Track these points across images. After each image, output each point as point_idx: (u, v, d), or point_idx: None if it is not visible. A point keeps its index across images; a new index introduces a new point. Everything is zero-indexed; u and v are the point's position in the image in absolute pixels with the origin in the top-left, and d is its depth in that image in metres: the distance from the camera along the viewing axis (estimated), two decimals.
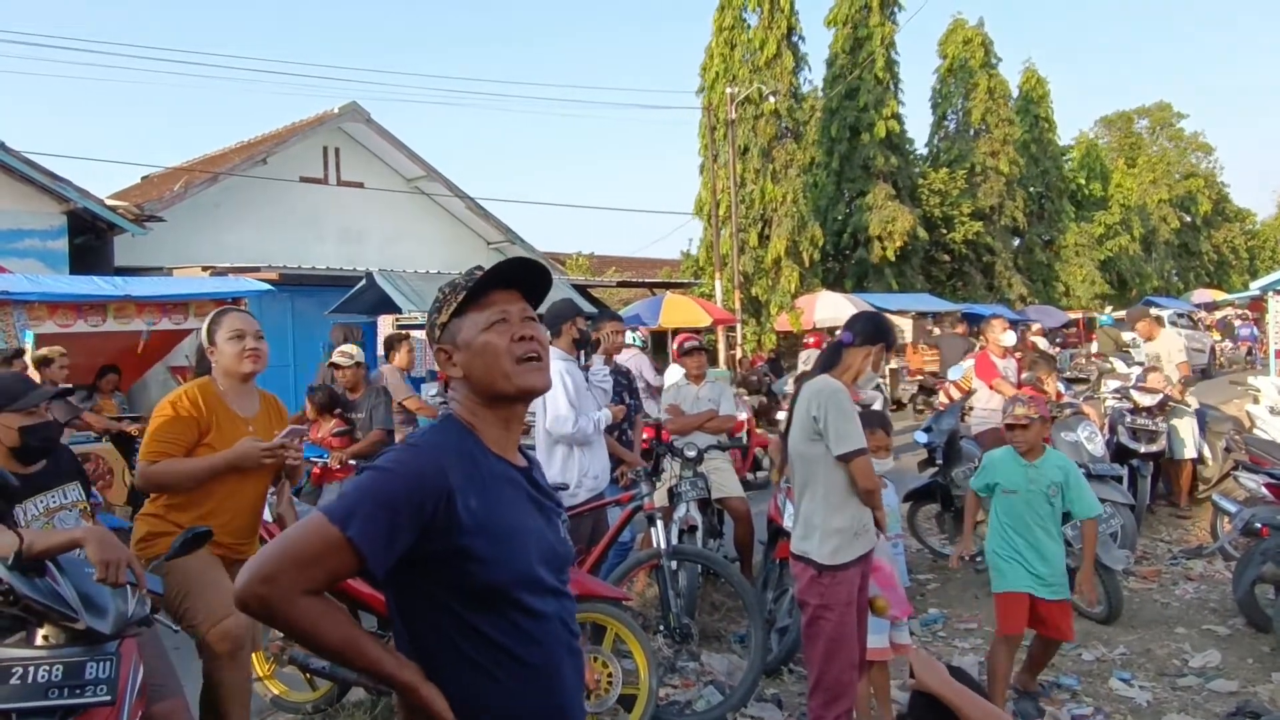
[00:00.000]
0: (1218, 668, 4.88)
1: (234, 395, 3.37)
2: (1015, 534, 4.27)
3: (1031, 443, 4.33)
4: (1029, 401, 4.41)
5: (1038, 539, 4.24)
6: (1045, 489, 4.25)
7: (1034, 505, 4.26)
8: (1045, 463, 4.33)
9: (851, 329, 3.66)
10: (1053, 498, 4.25)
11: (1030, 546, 4.24)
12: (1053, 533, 4.26)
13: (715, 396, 6.45)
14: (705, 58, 22.78)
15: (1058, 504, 4.27)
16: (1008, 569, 4.27)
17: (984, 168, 28.09)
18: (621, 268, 25.49)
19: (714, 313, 18.11)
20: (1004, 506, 4.35)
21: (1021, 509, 4.27)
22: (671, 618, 4.57)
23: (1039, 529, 4.24)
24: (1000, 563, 4.31)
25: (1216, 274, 43.05)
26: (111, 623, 2.57)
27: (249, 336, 3.35)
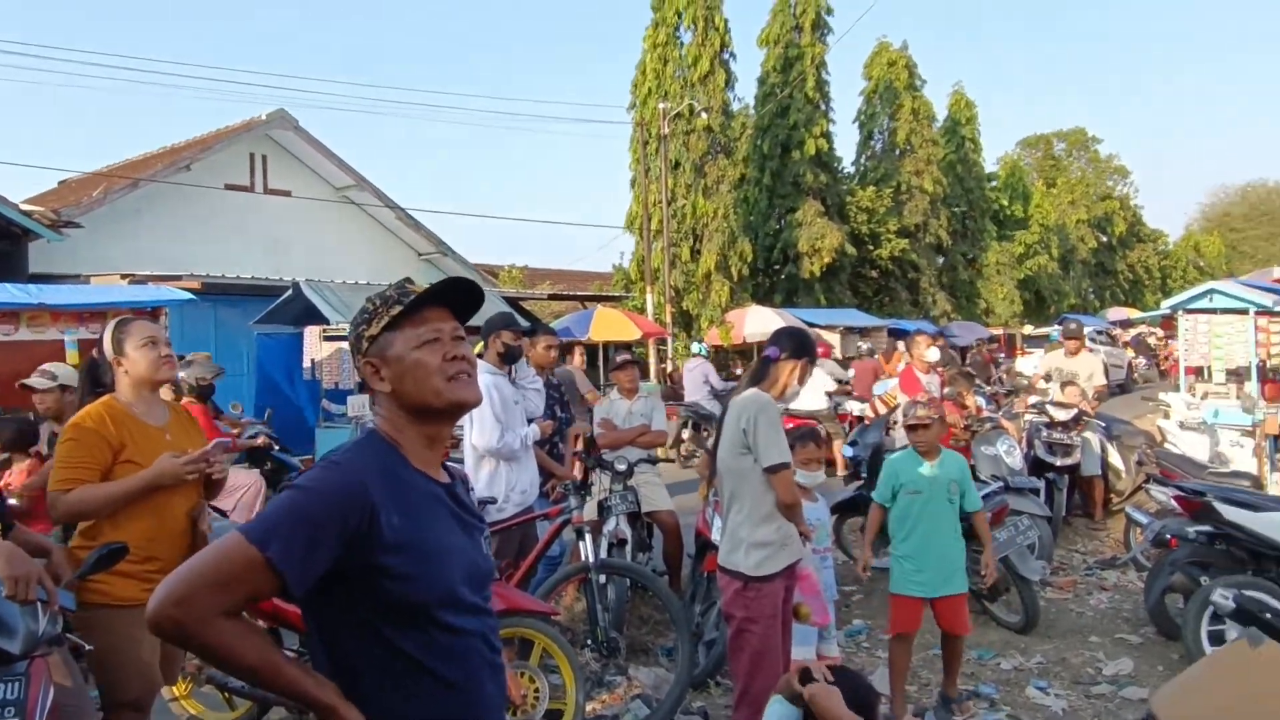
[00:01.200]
0: (1130, 675, 5.06)
1: (143, 407, 3.24)
2: (917, 534, 4.47)
3: (931, 442, 4.56)
4: (929, 403, 4.63)
5: (938, 537, 4.45)
6: (946, 487, 4.48)
7: (935, 504, 4.47)
8: (944, 462, 4.56)
9: (778, 344, 3.72)
10: (952, 495, 4.48)
11: (930, 545, 4.44)
12: (952, 530, 4.48)
13: (647, 411, 6.47)
14: (638, 73, 22.96)
15: (956, 502, 4.50)
16: (904, 572, 4.48)
17: (909, 187, 28.78)
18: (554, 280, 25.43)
19: (644, 326, 18.19)
20: (908, 507, 4.52)
21: (924, 508, 4.47)
22: (599, 632, 4.56)
23: (939, 527, 4.45)
24: (897, 565, 4.52)
25: (1131, 292, 44.78)
26: (20, 642, 2.46)
27: (161, 343, 3.24)
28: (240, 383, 13.31)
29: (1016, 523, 5.70)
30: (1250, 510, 5.01)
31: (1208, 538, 5.24)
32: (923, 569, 4.44)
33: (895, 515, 4.60)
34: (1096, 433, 8.36)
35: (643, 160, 21.50)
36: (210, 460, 3.15)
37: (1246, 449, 8.44)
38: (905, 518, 4.54)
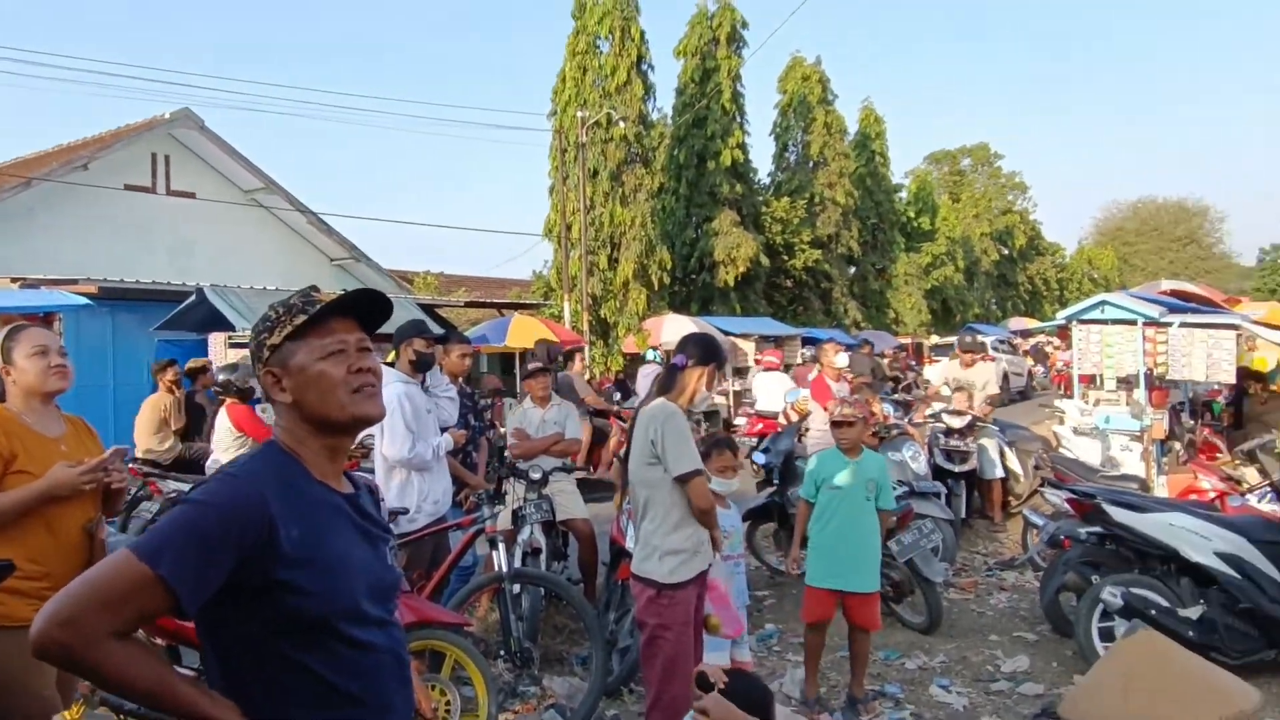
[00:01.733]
0: (1026, 672, 5.26)
1: (36, 417, 3.10)
2: (833, 528, 4.65)
3: (854, 440, 4.78)
4: (853, 402, 4.79)
5: (854, 532, 4.63)
6: (864, 484, 4.67)
7: (855, 500, 4.66)
8: (865, 461, 4.78)
9: (685, 352, 3.76)
10: (870, 493, 4.67)
11: (847, 541, 4.62)
12: (869, 527, 4.67)
13: (561, 419, 6.45)
14: (557, 81, 22.95)
15: (873, 500, 4.69)
16: (820, 565, 4.67)
17: (822, 198, 29.43)
18: (471, 288, 25.20)
19: (562, 334, 18.14)
20: (831, 501, 4.68)
21: (843, 504, 4.65)
22: (513, 642, 4.55)
23: (856, 523, 4.64)
24: (814, 558, 4.70)
25: (1031, 303, 46.60)
26: None
27: (53, 353, 3.11)
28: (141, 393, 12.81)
29: (921, 526, 5.87)
30: (1136, 512, 5.26)
31: (1098, 538, 5.49)
32: (837, 562, 4.63)
33: (815, 510, 4.79)
34: (994, 438, 8.69)
35: (561, 168, 21.50)
36: (108, 469, 3.02)
37: (1135, 453, 8.87)
38: (824, 512, 4.74)
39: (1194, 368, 9.07)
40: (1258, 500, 6.31)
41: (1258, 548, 4.96)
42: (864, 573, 4.63)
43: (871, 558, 4.67)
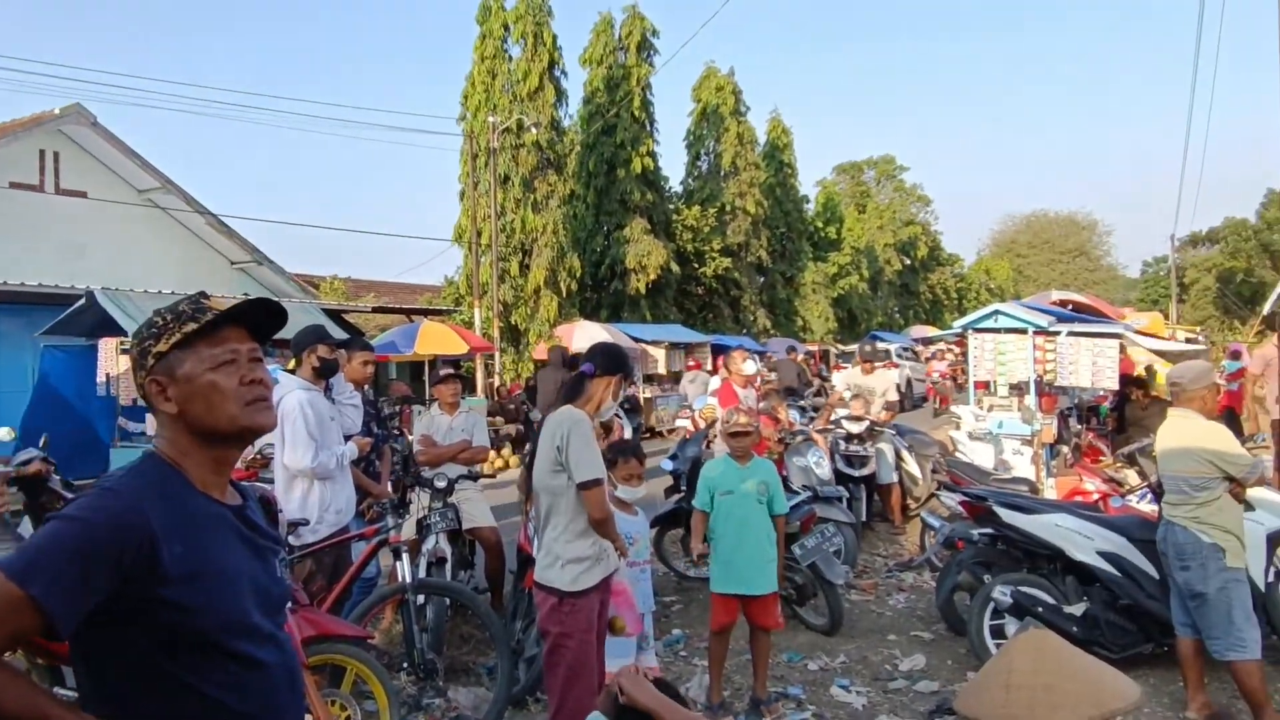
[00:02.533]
0: (923, 670, 5.43)
1: None
2: (730, 534, 4.74)
3: (747, 448, 4.90)
4: (749, 411, 4.90)
5: (750, 536, 4.73)
6: (757, 489, 4.77)
7: (747, 505, 4.76)
8: (755, 467, 4.89)
9: (592, 361, 3.78)
10: (762, 496, 4.78)
11: (743, 544, 4.71)
12: (764, 530, 4.77)
13: (469, 426, 6.41)
14: (467, 85, 22.76)
15: (765, 504, 4.80)
16: (721, 571, 4.76)
17: (733, 207, 29.85)
18: (380, 293, 24.73)
19: (472, 341, 17.97)
20: (722, 509, 4.79)
21: (737, 509, 4.75)
22: (416, 654, 4.48)
23: (753, 528, 4.74)
24: (716, 565, 4.79)
25: (932, 312, 48.12)
26: None
27: None
28: (24, 399, 12.17)
29: (823, 530, 6.00)
30: (1024, 513, 5.48)
31: (990, 539, 5.71)
32: (737, 567, 4.72)
33: (713, 518, 4.86)
34: (894, 443, 8.95)
35: (472, 173, 21.31)
36: None
37: (1026, 457, 9.24)
38: (721, 519, 4.81)
39: (1080, 375, 9.50)
40: (1137, 501, 6.64)
41: (1137, 546, 5.21)
42: (763, 575, 4.73)
43: (768, 560, 4.77)
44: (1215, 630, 4.39)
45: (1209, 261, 53.47)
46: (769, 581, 4.77)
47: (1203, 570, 4.41)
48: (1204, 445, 4.48)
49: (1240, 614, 4.37)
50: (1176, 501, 4.56)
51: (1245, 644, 4.33)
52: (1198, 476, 4.46)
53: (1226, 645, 4.35)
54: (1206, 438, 4.51)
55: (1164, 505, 4.70)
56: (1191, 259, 53.86)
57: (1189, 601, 4.52)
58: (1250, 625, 4.39)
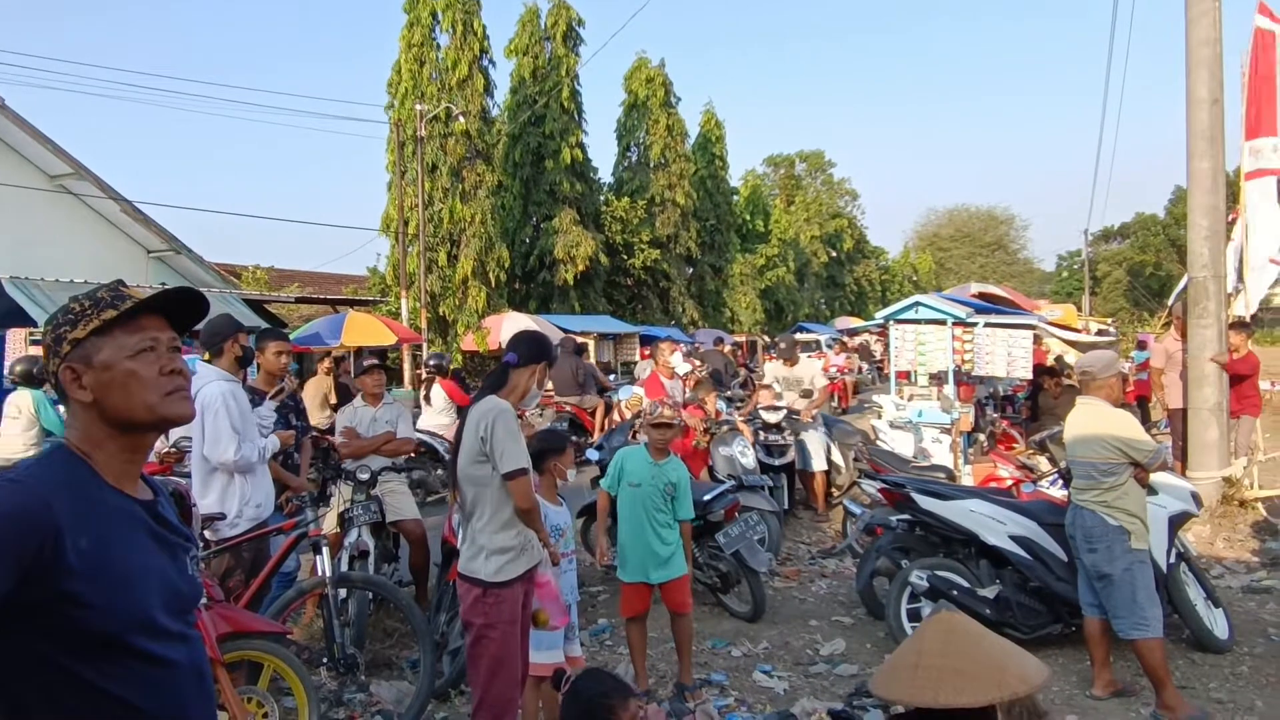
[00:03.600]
0: (843, 654, 5.54)
1: None
2: (633, 524, 4.80)
3: (667, 441, 4.94)
4: (674, 405, 4.92)
5: (656, 527, 4.79)
6: (663, 486, 4.83)
7: (653, 499, 4.81)
8: (668, 465, 4.92)
9: (515, 350, 3.76)
10: (668, 494, 4.84)
11: (647, 537, 4.78)
12: (668, 522, 4.83)
13: (393, 418, 6.31)
14: (393, 73, 22.35)
15: (670, 503, 4.86)
16: (630, 560, 4.81)
17: (663, 199, 29.93)
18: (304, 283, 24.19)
19: (399, 331, 17.70)
20: (628, 498, 4.84)
21: (643, 500, 4.80)
22: (336, 648, 4.41)
23: (656, 519, 4.80)
24: (624, 554, 4.84)
25: (857, 303, 49.05)
26: None
27: None
28: None
29: (747, 519, 6.07)
30: (941, 499, 5.63)
31: (908, 525, 5.85)
32: (642, 556, 4.76)
33: (619, 506, 4.91)
34: (819, 432, 9.10)
35: (399, 162, 20.94)
36: None
37: (945, 444, 9.50)
38: (625, 509, 4.87)
39: (996, 364, 9.80)
40: (1049, 486, 6.87)
41: (1046, 530, 5.40)
42: (668, 563, 4.78)
43: (670, 549, 4.82)
44: (1120, 610, 4.57)
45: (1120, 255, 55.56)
46: (677, 566, 4.82)
47: (1109, 552, 4.59)
48: (1111, 432, 4.65)
49: (1143, 594, 4.56)
50: (1084, 487, 4.73)
51: (1148, 623, 4.52)
52: (1105, 462, 4.63)
53: (1131, 624, 4.53)
54: (1113, 425, 4.68)
55: (1072, 490, 4.87)
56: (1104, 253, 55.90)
57: (1096, 583, 4.70)
58: (1153, 605, 4.59)
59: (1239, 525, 7.86)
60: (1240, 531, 7.78)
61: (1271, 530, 7.63)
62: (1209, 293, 8.29)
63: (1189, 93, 8.52)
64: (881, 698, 2.34)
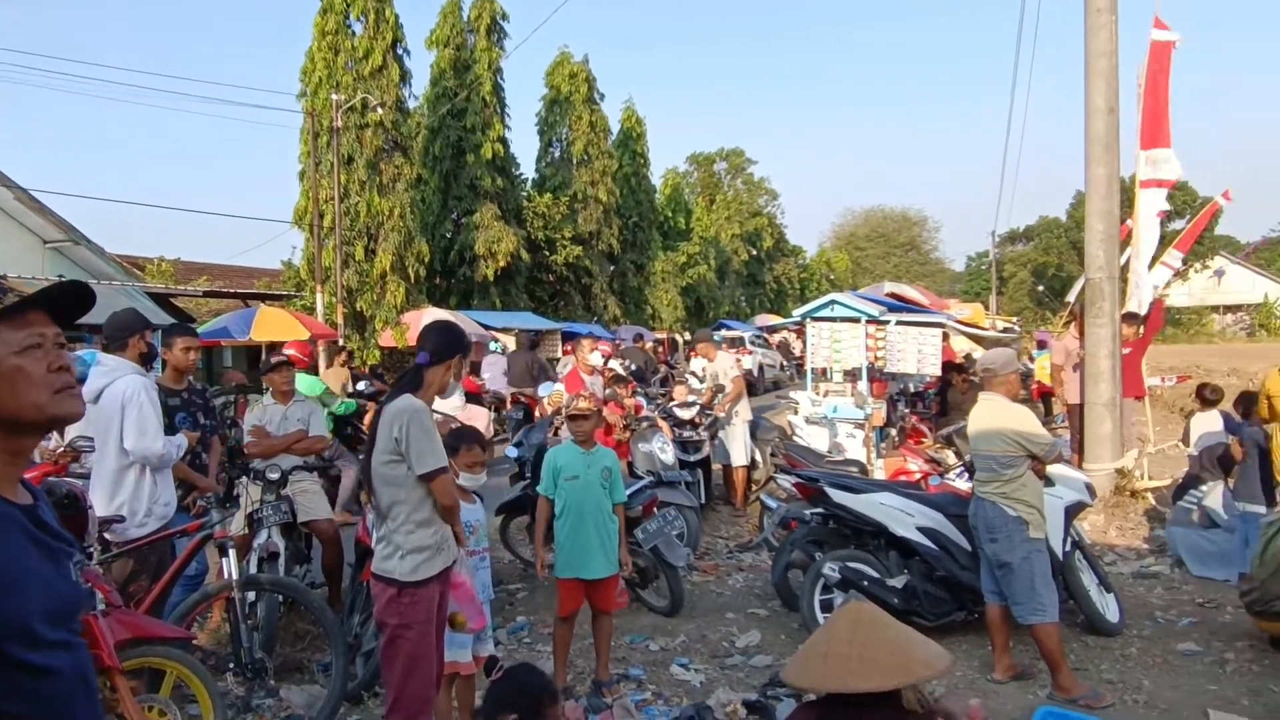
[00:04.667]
0: (758, 645, 5.64)
1: None
2: (572, 519, 4.79)
3: (589, 433, 4.96)
4: (589, 396, 4.95)
5: (594, 521, 4.79)
6: (600, 474, 4.85)
7: (591, 490, 4.83)
8: (598, 452, 4.96)
9: (426, 349, 3.69)
10: (605, 481, 4.86)
11: (588, 529, 4.77)
12: (605, 515, 4.85)
13: (305, 416, 6.17)
14: (306, 61, 21.80)
15: (608, 489, 4.88)
16: (570, 557, 4.80)
17: (585, 196, 29.89)
18: (214, 276, 23.47)
19: (313, 327, 17.28)
20: (569, 493, 4.83)
21: (581, 494, 4.81)
22: (244, 653, 4.31)
23: (595, 512, 4.81)
24: (560, 551, 4.83)
25: (776, 301, 49.77)
26: None
27: None
28: None
29: (666, 514, 6.12)
30: (852, 493, 5.78)
31: (822, 518, 5.99)
32: (581, 552, 4.76)
33: (557, 503, 4.89)
34: (740, 427, 9.22)
35: (314, 153, 20.44)
36: None
37: (858, 439, 9.73)
38: (565, 505, 4.84)
39: (907, 361, 10.08)
40: (955, 479, 7.11)
41: (952, 521, 5.59)
42: (605, 558, 4.80)
43: (611, 542, 4.85)
44: (1020, 596, 4.76)
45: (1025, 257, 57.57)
46: (611, 564, 4.85)
47: (1009, 541, 4.78)
48: (1010, 426, 4.84)
49: (1041, 581, 4.76)
50: (986, 479, 4.91)
51: (1045, 608, 4.72)
52: (1005, 455, 4.82)
53: (1029, 610, 4.73)
54: (1012, 419, 4.88)
55: (975, 483, 5.05)
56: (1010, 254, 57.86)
57: (997, 571, 4.89)
58: (1050, 591, 4.80)
59: (1130, 514, 8.26)
60: (1131, 520, 8.17)
61: (1160, 518, 8.03)
62: (1104, 293, 8.67)
63: (1087, 101, 8.89)
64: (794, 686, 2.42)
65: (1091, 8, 8.85)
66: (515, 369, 14.65)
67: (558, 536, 4.86)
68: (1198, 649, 5.35)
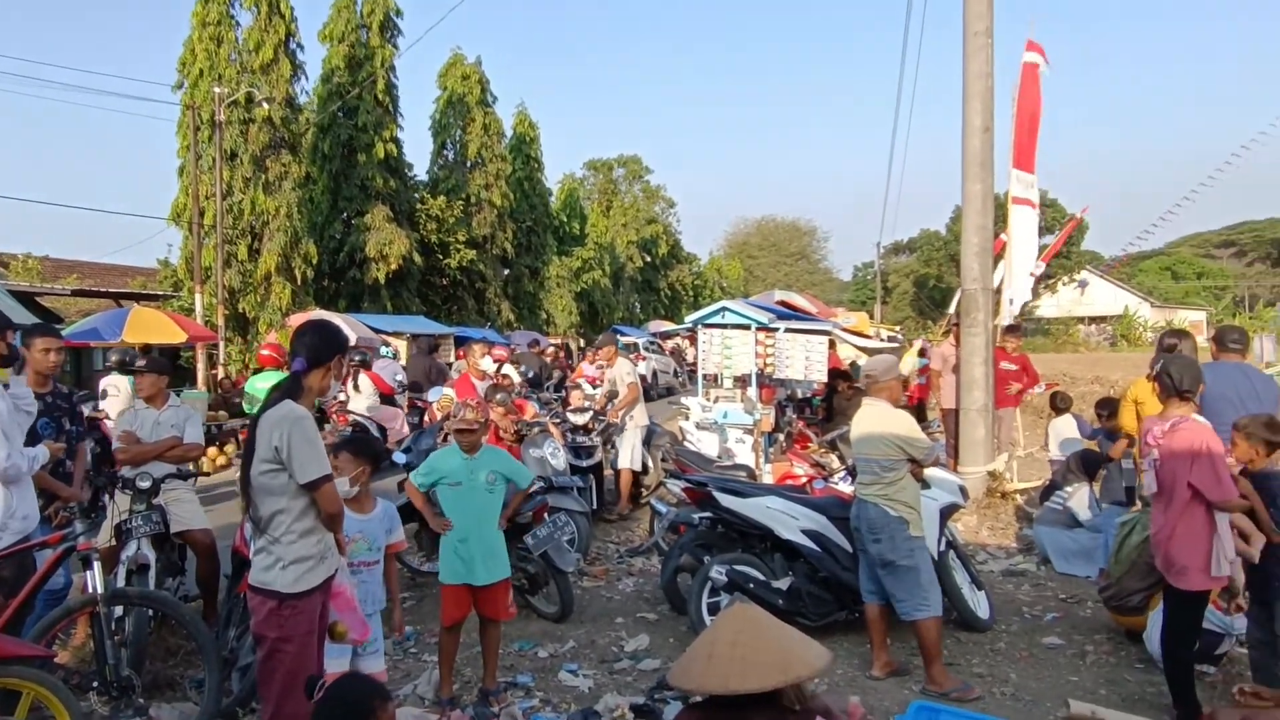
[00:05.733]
0: (647, 649, 5.67)
1: None
2: (459, 525, 4.73)
3: (475, 443, 4.87)
4: (477, 406, 4.89)
5: (479, 526, 4.74)
6: (485, 478, 4.78)
7: (476, 495, 4.76)
8: (482, 456, 4.88)
9: (301, 355, 3.54)
10: (491, 485, 4.80)
11: (472, 534, 4.72)
12: (492, 520, 4.80)
13: (179, 421, 5.92)
14: (185, 51, 20.94)
15: (497, 492, 4.82)
16: (455, 562, 4.73)
17: (479, 199, 29.60)
18: (84, 274, 22.28)
19: (191, 329, 16.60)
20: (452, 499, 4.77)
21: (466, 499, 4.75)
22: (109, 670, 4.11)
23: (480, 516, 4.76)
24: (445, 556, 4.77)
25: (670, 307, 50.26)
26: None
27: None
28: None
29: (555, 520, 6.11)
30: (740, 497, 5.88)
31: (710, 522, 6.08)
32: (467, 557, 4.70)
33: (443, 509, 4.83)
34: (633, 432, 9.26)
35: (194, 147, 19.64)
36: None
37: (747, 444, 9.92)
38: (450, 511, 4.78)
39: (795, 368, 10.34)
40: (839, 482, 7.32)
41: (835, 524, 5.75)
42: (493, 564, 4.76)
43: (498, 548, 4.81)
44: (903, 593, 4.93)
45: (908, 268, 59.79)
46: (500, 568, 4.81)
47: (891, 541, 4.95)
48: (892, 431, 5.02)
49: (925, 577, 4.97)
50: (869, 481, 5.08)
51: (929, 604, 4.92)
52: (886, 459, 5.00)
53: (914, 606, 4.90)
54: (894, 424, 5.06)
55: (858, 485, 5.22)
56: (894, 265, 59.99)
57: (880, 570, 5.05)
58: (934, 587, 5.02)
59: (1001, 515, 8.68)
60: (1002, 520, 8.59)
61: (1028, 518, 8.45)
62: (979, 303, 9.09)
63: (965, 121, 9.31)
64: (679, 688, 2.45)
65: (969, 31, 9.28)
66: (414, 374, 14.57)
67: (443, 542, 4.79)
68: (1061, 642, 5.66)
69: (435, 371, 14.54)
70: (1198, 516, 4.26)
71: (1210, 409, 4.96)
